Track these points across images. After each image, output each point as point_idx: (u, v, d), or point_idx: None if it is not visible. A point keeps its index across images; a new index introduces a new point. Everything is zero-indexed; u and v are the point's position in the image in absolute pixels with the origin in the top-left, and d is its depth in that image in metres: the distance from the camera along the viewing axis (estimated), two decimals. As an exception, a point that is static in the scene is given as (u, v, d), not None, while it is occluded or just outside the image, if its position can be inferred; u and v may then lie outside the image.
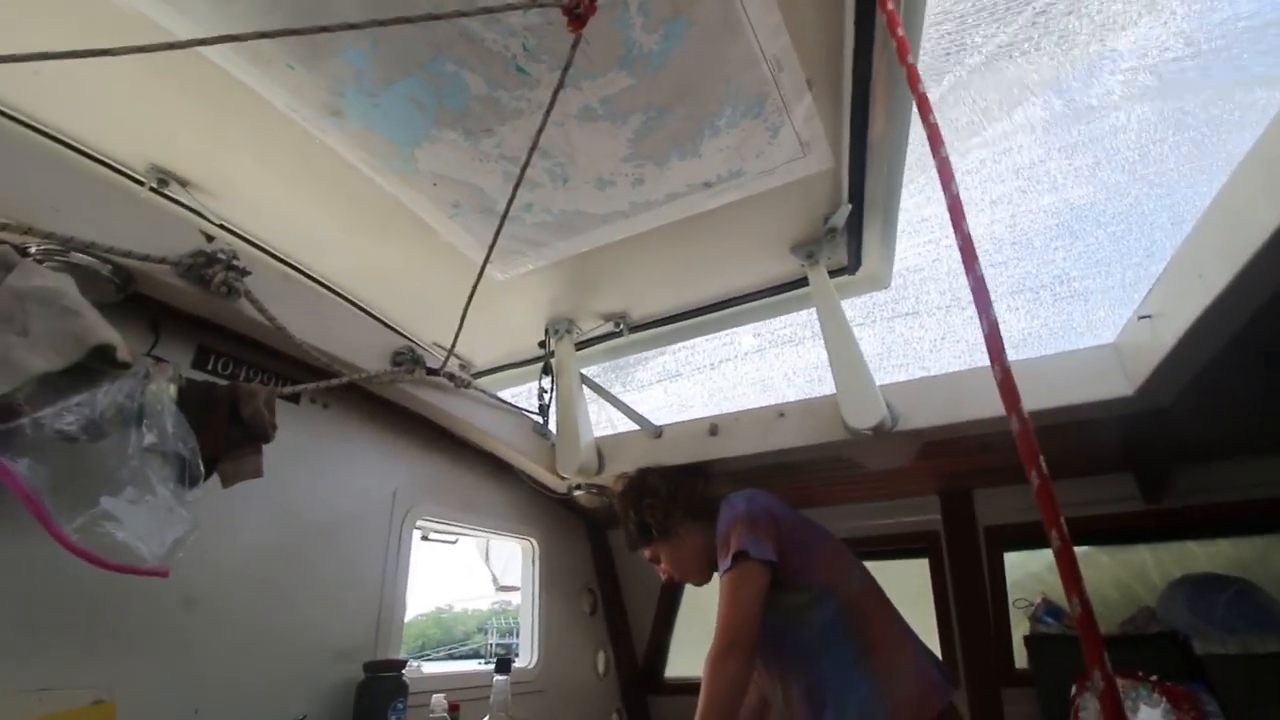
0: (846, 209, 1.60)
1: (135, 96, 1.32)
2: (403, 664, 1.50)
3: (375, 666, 1.45)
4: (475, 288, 1.48)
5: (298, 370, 1.50)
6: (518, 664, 2.08)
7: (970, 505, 1.97)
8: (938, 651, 2.01)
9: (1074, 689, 1.52)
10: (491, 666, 1.58)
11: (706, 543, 1.54)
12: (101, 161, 1.47)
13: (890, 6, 0.78)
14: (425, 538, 2.18)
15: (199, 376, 1.33)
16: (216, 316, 1.32)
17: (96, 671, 1.08)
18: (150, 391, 1.02)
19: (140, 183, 1.51)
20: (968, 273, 0.85)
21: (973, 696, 1.92)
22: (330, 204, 1.60)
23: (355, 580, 1.59)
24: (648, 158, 1.50)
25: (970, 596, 1.94)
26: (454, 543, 2.24)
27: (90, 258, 1.09)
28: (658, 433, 1.98)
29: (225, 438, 1.14)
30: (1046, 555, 1.98)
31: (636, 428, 2.02)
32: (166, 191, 1.54)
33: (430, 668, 1.89)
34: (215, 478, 1.15)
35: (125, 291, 1.17)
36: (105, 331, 0.96)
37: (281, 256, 1.76)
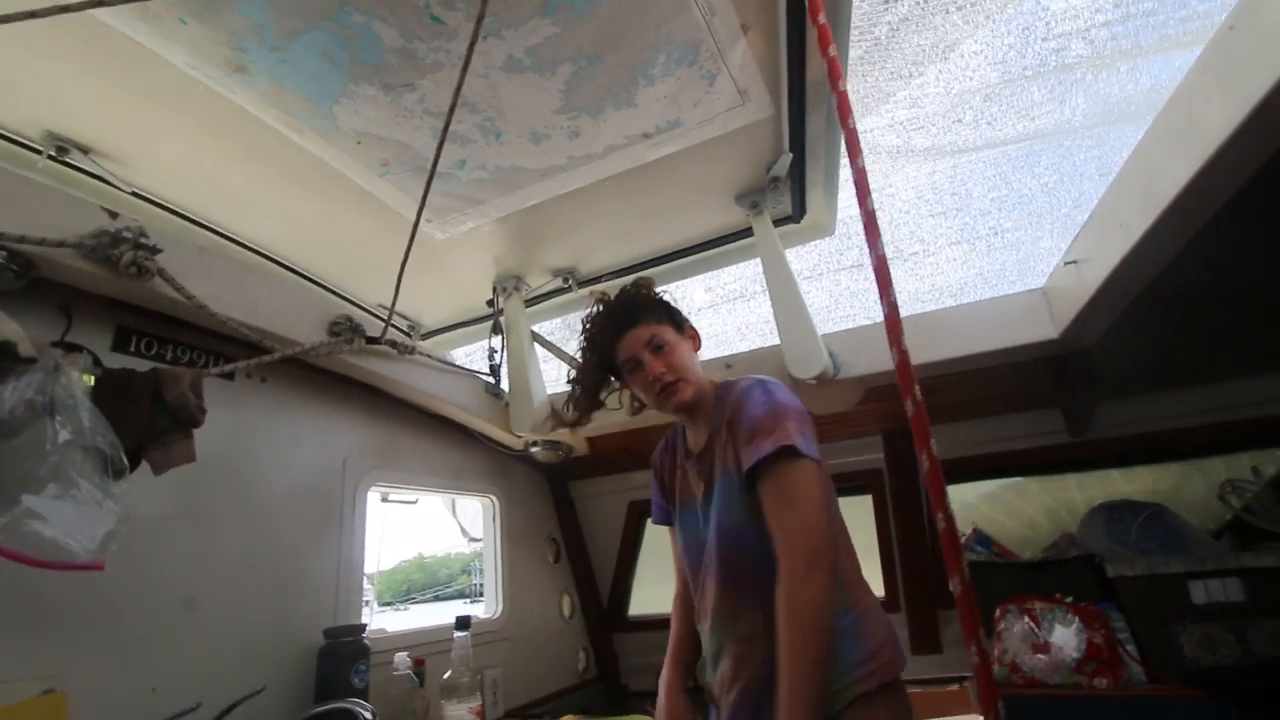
0: (788, 158, 1.58)
1: (22, 59, 1.20)
2: (362, 628, 1.53)
3: (335, 632, 1.48)
4: (409, 249, 1.43)
5: (230, 345, 1.45)
6: (484, 615, 2.15)
7: (910, 443, 2.05)
8: (880, 581, 2.14)
9: (997, 610, 1.65)
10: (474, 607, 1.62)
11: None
12: (-7, 133, 1.35)
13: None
14: (385, 499, 2.20)
15: (121, 360, 1.28)
16: (131, 297, 1.26)
17: (46, 662, 1.08)
18: (61, 385, 0.98)
19: (37, 151, 1.40)
20: (870, 251, 0.86)
21: (911, 617, 2.07)
22: (253, 167, 1.51)
23: (310, 550, 1.60)
24: (581, 109, 1.44)
25: (911, 529, 2.06)
26: (414, 503, 2.26)
27: (-21, 244, 1.02)
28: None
29: (150, 425, 1.10)
30: (981, 487, 2.10)
31: (585, 385, 2.02)
32: (68, 160, 1.43)
33: (397, 624, 1.94)
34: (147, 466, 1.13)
35: (26, 277, 1.10)
36: (1, 327, 0.91)
37: (204, 223, 1.67)
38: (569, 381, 1.47)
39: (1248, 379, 1.73)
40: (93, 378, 1.07)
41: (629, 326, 1.31)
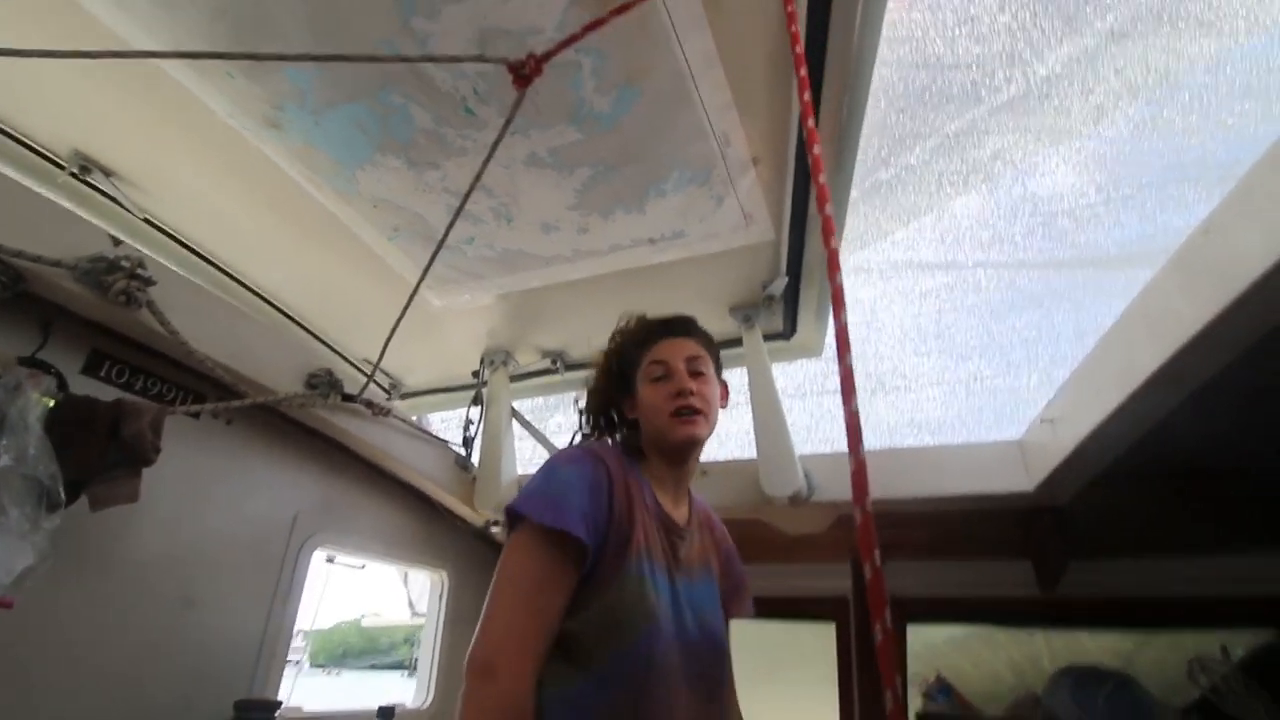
0: (784, 281, 1.64)
1: (64, 78, 1.25)
2: (276, 704, 1.42)
3: (246, 705, 1.37)
4: (405, 311, 1.45)
5: (201, 383, 1.43)
6: (411, 705, 2.00)
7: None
8: (836, 711, 2.02)
9: (953, 772, 1.55)
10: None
11: None
12: (21, 141, 1.39)
13: (812, 125, 0.81)
14: (330, 560, 2.10)
15: (89, 384, 1.25)
16: (112, 322, 1.25)
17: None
18: (17, 406, 0.95)
19: (61, 167, 1.43)
20: (839, 361, 0.87)
21: (867, 766, 1.94)
22: (267, 212, 1.55)
23: (238, 609, 1.50)
24: (593, 209, 1.50)
25: (872, 665, 1.96)
26: (362, 568, 2.16)
27: (-29, 252, 1.02)
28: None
29: (101, 458, 1.06)
30: (947, 631, 2.03)
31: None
32: (89, 179, 1.46)
33: (320, 698, 1.80)
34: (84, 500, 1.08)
35: (13, 289, 1.09)
36: (-30, 340, 0.90)
37: (209, 257, 1.69)
38: (586, 402, 1.25)
39: (1223, 556, 1.72)
40: (53, 401, 1.04)
41: (678, 335, 1.14)
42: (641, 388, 1.10)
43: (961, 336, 1.65)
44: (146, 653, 1.30)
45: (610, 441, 1.17)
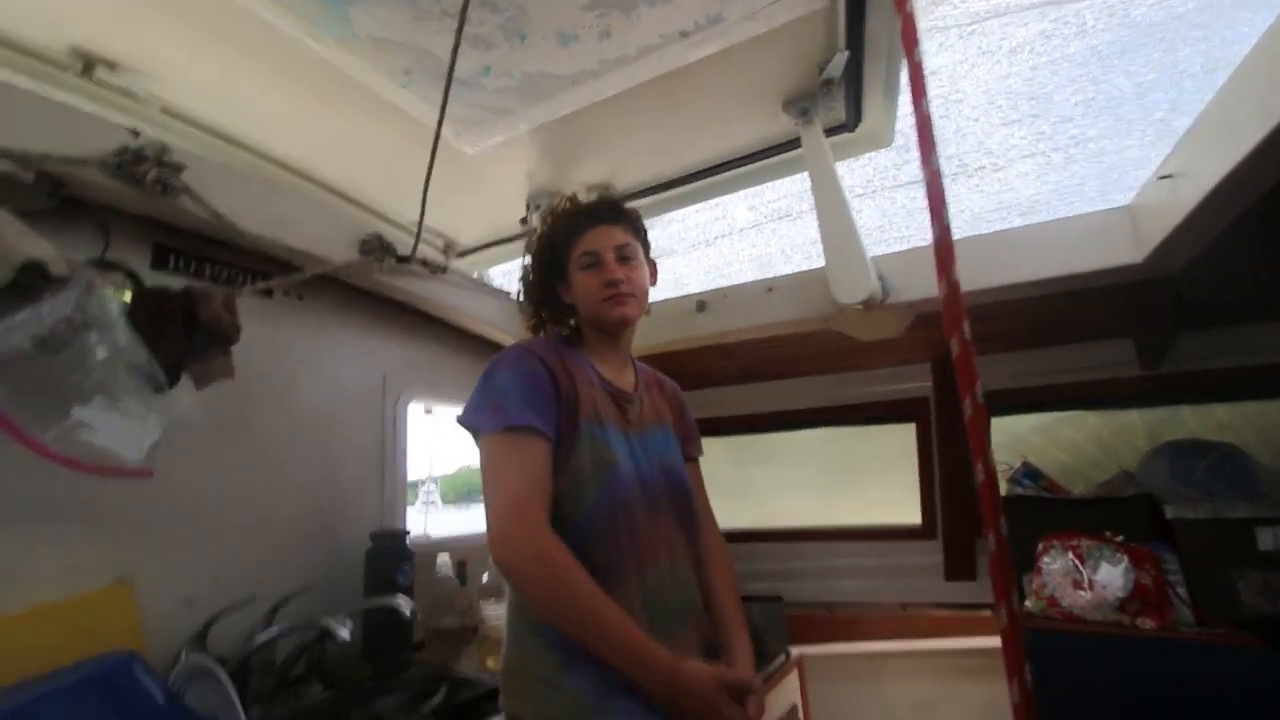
0: (844, 56, 1.42)
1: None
2: (405, 533, 1.62)
3: (380, 536, 1.58)
4: (432, 160, 1.39)
5: (266, 264, 1.47)
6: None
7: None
8: (918, 508, 2.11)
9: (1040, 545, 1.59)
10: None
11: None
12: (22, 50, 1.34)
13: None
14: (428, 411, 2.27)
15: (161, 277, 1.31)
16: (164, 215, 1.27)
17: (115, 554, 1.19)
18: (96, 304, 1.00)
19: (65, 68, 1.39)
20: (923, 162, 0.76)
21: (948, 544, 2.05)
22: (272, 78, 1.46)
23: (355, 461, 1.68)
24: (611, 5, 1.31)
25: (953, 459, 1.99)
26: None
27: (8, 163, 1.03)
28: (645, 310, 1.94)
29: (188, 342, 1.14)
30: (1032, 419, 1.99)
31: (625, 306, 1.98)
32: (96, 76, 1.42)
33: (450, 526, 2.05)
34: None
35: (58, 196, 1.11)
36: (30, 246, 0.93)
37: (232, 138, 1.65)
38: (522, 290, 1.29)
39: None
40: (128, 295, 1.10)
41: (606, 222, 1.19)
42: (574, 275, 1.18)
43: (1061, 94, 1.39)
44: (286, 504, 1.50)
45: (543, 334, 1.26)
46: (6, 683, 0.91)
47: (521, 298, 1.29)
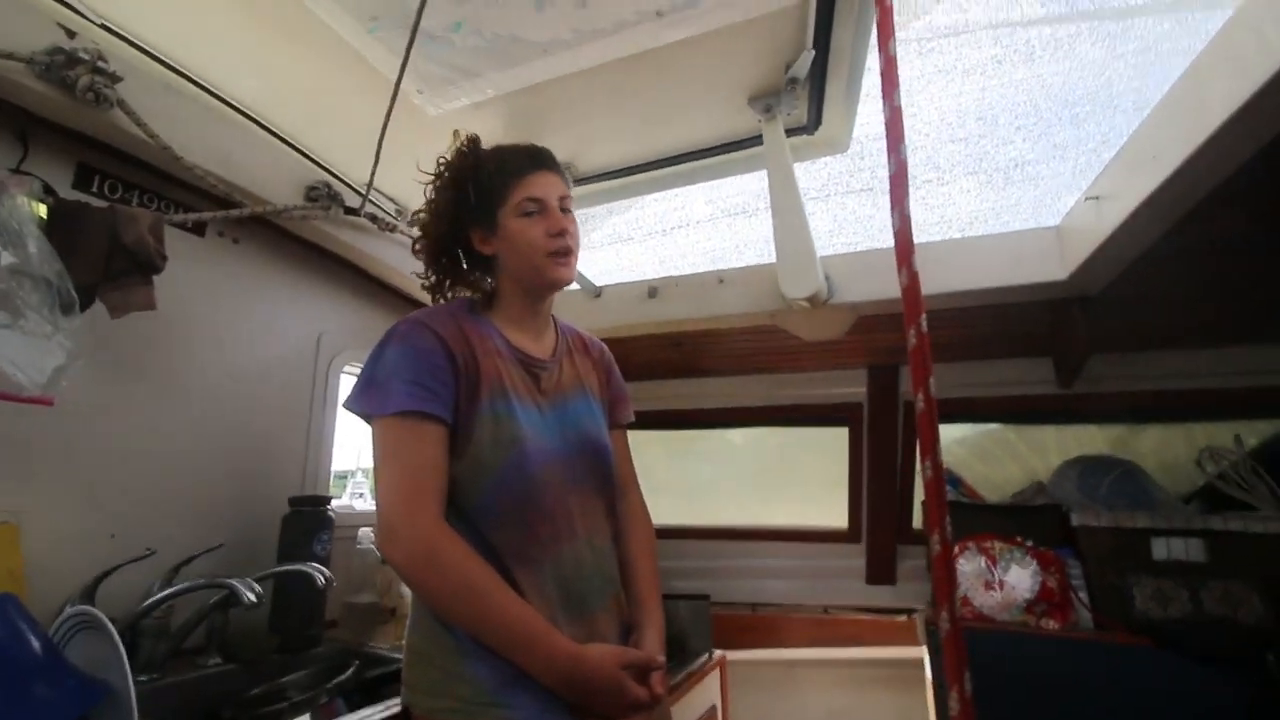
0: (809, 55, 1.47)
1: None
2: (327, 500, 1.54)
3: (299, 501, 1.49)
4: (390, 110, 1.35)
5: (199, 199, 1.38)
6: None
7: (895, 379, 2.04)
8: (844, 511, 2.17)
9: (956, 547, 1.67)
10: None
11: None
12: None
13: None
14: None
15: (80, 198, 1.21)
16: (93, 130, 1.18)
17: (2, 494, 1.07)
18: (7, 208, 0.91)
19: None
20: (889, 154, 0.80)
21: (870, 548, 2.11)
22: (232, 8, 1.38)
23: (279, 421, 1.59)
24: (591, -26, 1.31)
25: (882, 464, 2.06)
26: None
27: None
28: (597, 292, 1.94)
29: (107, 265, 1.05)
30: (957, 430, 2.10)
31: (575, 286, 1.97)
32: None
33: (363, 504, 1.96)
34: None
35: (-27, 91, 1.02)
36: (-67, 131, 0.84)
37: (175, 66, 1.55)
38: (420, 239, 1.18)
39: (1250, 345, 1.68)
40: (44, 206, 1.00)
41: (552, 169, 1.12)
42: (509, 221, 1.07)
43: (1005, 116, 1.48)
44: (199, 456, 1.40)
45: (440, 298, 1.17)
46: None
47: (419, 247, 1.15)
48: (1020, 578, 1.53)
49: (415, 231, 1.86)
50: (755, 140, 1.72)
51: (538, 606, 0.93)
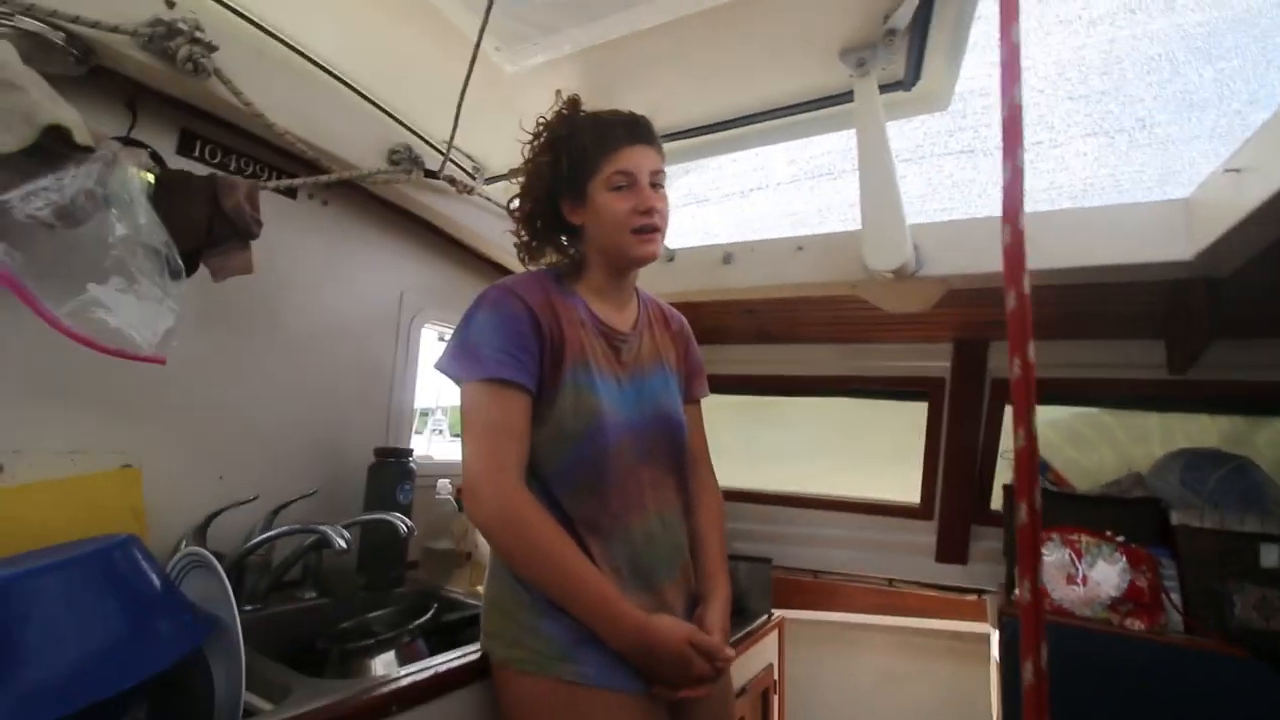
0: (911, 7, 1.34)
1: None
2: (409, 452, 1.62)
3: (384, 452, 1.58)
4: (470, 71, 1.34)
5: (291, 163, 1.43)
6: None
7: (983, 356, 1.92)
8: (916, 486, 2.10)
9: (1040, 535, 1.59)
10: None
11: None
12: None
13: None
14: (441, 338, 2.26)
15: (184, 164, 1.27)
16: (193, 98, 1.23)
17: (124, 439, 1.19)
18: (119, 180, 0.97)
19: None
20: (1003, 95, 0.72)
21: (943, 526, 2.05)
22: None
23: (367, 374, 1.67)
24: (677, -77, 1.23)
25: (962, 442, 1.97)
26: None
27: (39, 23, 0.99)
28: (670, 256, 1.90)
29: (207, 230, 1.11)
30: (1049, 412, 1.97)
31: (650, 250, 1.94)
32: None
33: (441, 455, 2.06)
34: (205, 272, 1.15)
35: (87, 64, 1.07)
36: (57, 110, 0.90)
37: (262, 24, 1.58)
38: (516, 202, 1.16)
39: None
40: (151, 176, 1.06)
41: (646, 142, 1.08)
42: (598, 194, 1.05)
43: (1135, 73, 1.31)
44: (293, 407, 1.50)
45: (530, 262, 1.18)
46: (7, 552, 0.92)
47: (515, 206, 1.15)
48: (1107, 574, 1.45)
49: (489, 191, 1.89)
50: (845, 97, 1.60)
51: (608, 575, 0.97)
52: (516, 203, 1.16)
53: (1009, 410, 1.96)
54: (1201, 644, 1.34)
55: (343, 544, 1.19)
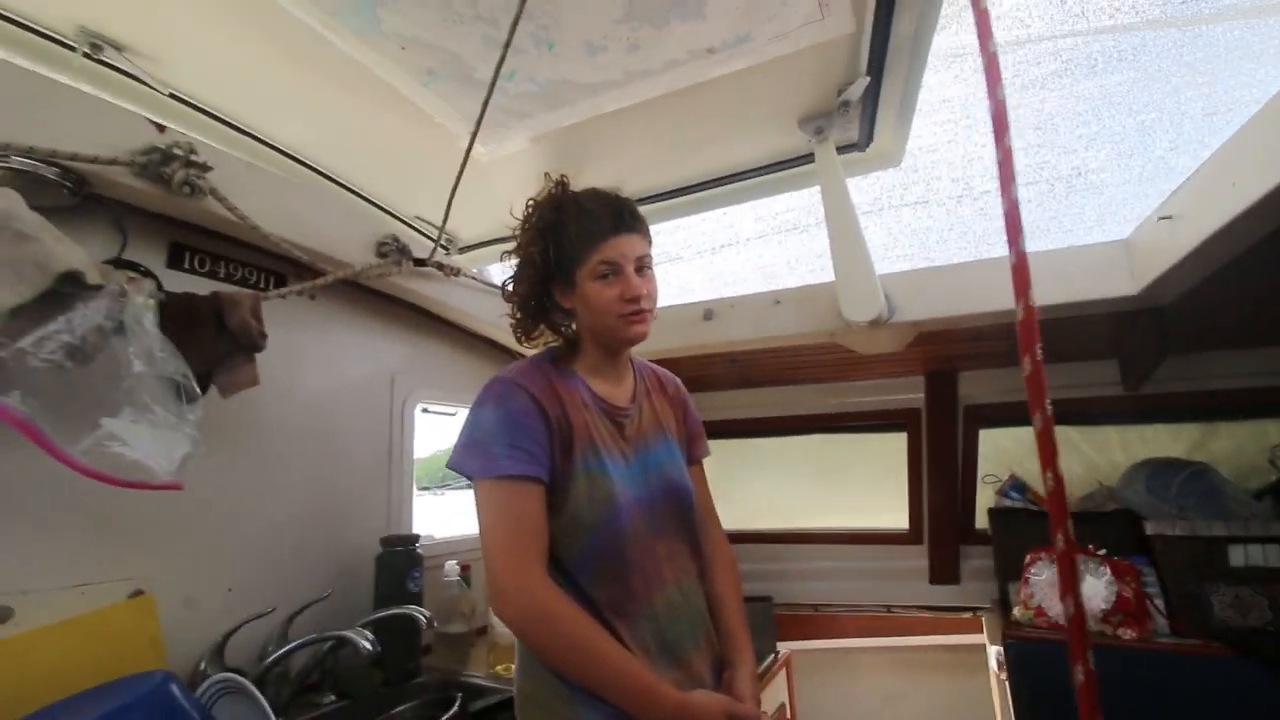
0: (864, 82, 1.45)
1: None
2: (415, 538, 1.61)
3: (391, 541, 1.57)
4: (463, 168, 1.39)
5: (280, 262, 1.44)
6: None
7: (954, 386, 2.04)
8: (905, 514, 2.19)
9: (1028, 557, 1.68)
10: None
11: None
12: (27, 27, 1.28)
13: None
14: (425, 410, 2.26)
15: (176, 277, 1.28)
16: (184, 214, 1.24)
17: (131, 565, 1.16)
18: (129, 313, 0.98)
19: (72, 49, 1.33)
20: (996, 142, 0.81)
21: (933, 549, 2.14)
22: (291, 69, 1.42)
23: (364, 464, 1.67)
24: (644, 19, 1.32)
25: (942, 467, 2.07)
26: (454, 415, 2.32)
27: (34, 161, 0.99)
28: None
29: (215, 349, 1.12)
30: (1018, 433, 2.09)
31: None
32: (103, 58, 1.36)
33: (441, 526, 2.05)
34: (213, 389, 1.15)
35: (79, 193, 1.08)
36: (69, 255, 0.90)
37: (245, 129, 1.61)
38: (510, 285, 1.18)
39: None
40: (156, 302, 1.07)
41: (630, 230, 1.09)
42: (585, 283, 1.07)
43: (1067, 125, 1.46)
44: (295, 508, 1.48)
45: (526, 342, 1.19)
46: (30, 703, 0.89)
47: (510, 289, 1.17)
48: (1095, 588, 1.54)
49: (460, 261, 1.92)
50: (804, 159, 1.71)
51: (637, 655, 0.99)
52: (512, 286, 1.18)
53: (983, 433, 2.07)
54: (1188, 647, 1.44)
55: (369, 647, 1.19)
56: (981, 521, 2.07)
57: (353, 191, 1.87)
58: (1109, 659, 1.48)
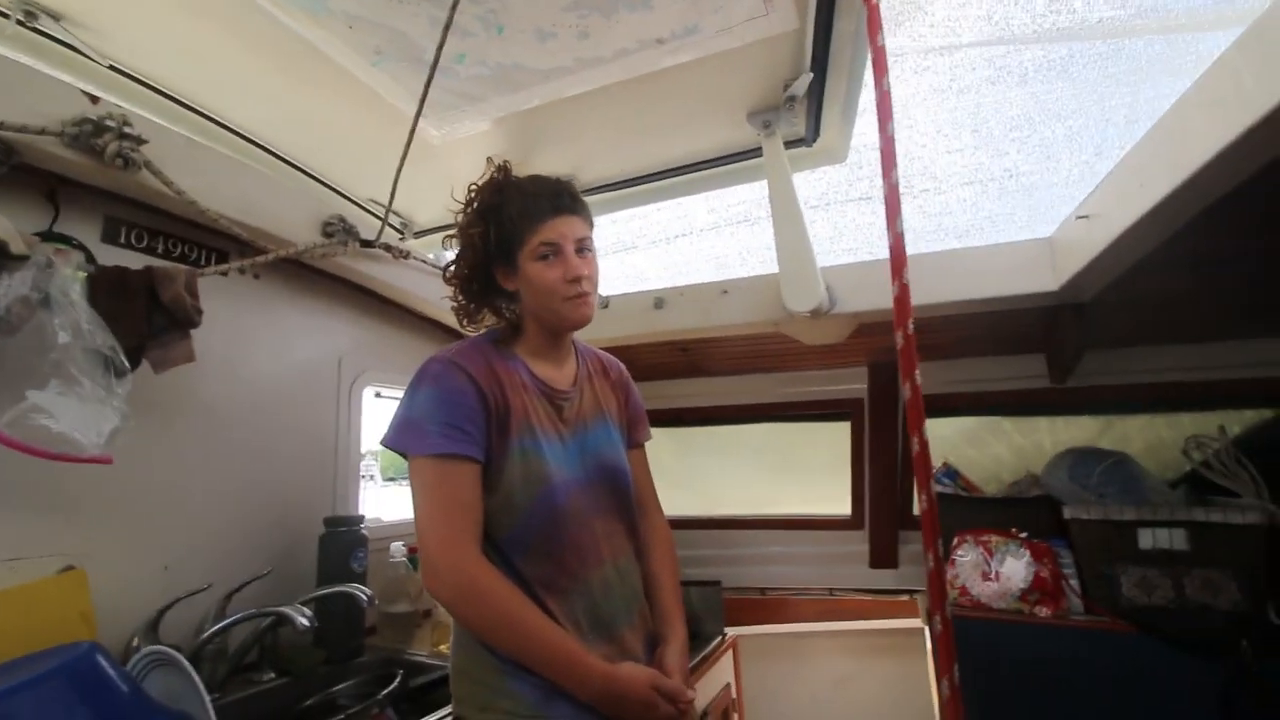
0: (808, 77, 1.50)
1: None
2: (360, 519, 1.62)
3: (334, 521, 1.57)
4: (406, 149, 1.39)
5: (221, 239, 1.43)
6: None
7: (895, 376, 2.11)
8: (848, 500, 2.27)
9: (955, 539, 1.76)
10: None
11: None
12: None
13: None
14: (379, 395, 2.25)
15: (110, 252, 1.26)
16: (119, 188, 1.22)
17: (64, 541, 1.15)
18: (55, 285, 0.97)
19: (5, 16, 1.29)
20: (884, 177, 0.87)
21: (873, 534, 2.22)
22: (237, 45, 1.40)
23: (309, 444, 1.66)
24: (592, 8, 1.34)
25: (883, 455, 2.15)
26: (408, 398, 2.32)
27: (-45, 127, 0.97)
28: (604, 303, 1.99)
29: (148, 324, 1.11)
30: (957, 423, 2.18)
31: (584, 299, 2.02)
32: (38, 26, 1.32)
33: (394, 510, 2.05)
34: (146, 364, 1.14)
35: (7, 163, 1.06)
36: (-11, 224, 0.89)
37: (188, 103, 1.58)
38: (452, 268, 1.19)
39: (1235, 341, 1.75)
40: (85, 275, 1.06)
41: (570, 212, 1.10)
42: (527, 264, 1.09)
43: (1000, 129, 1.53)
44: (236, 488, 1.47)
45: (468, 324, 1.20)
46: (-46, 672, 0.89)
47: (451, 272, 1.18)
48: (1015, 569, 1.63)
49: (416, 246, 1.92)
50: (755, 152, 1.75)
51: (569, 631, 1.02)
52: (453, 269, 1.19)
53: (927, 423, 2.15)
54: (1096, 624, 1.53)
55: (306, 623, 1.20)
56: (918, 508, 2.15)
57: (304, 172, 1.85)
58: (1026, 636, 1.57)
